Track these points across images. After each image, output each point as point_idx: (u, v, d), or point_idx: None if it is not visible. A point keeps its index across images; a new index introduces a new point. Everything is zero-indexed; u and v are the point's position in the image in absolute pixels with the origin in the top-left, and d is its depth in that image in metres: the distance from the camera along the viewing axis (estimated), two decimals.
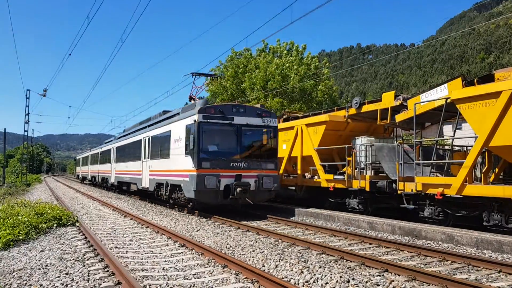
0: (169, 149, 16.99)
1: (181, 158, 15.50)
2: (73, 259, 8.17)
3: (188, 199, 15.26)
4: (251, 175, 14.72)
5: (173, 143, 16.62)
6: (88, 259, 8.18)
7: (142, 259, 8.36)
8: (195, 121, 14.33)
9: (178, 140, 16.02)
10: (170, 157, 16.90)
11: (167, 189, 17.11)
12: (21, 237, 10.41)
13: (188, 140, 14.79)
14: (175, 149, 16.32)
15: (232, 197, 14.19)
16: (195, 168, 14.19)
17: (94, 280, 6.65)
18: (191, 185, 14.35)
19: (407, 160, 12.46)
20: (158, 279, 6.82)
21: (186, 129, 15.12)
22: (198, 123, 14.28)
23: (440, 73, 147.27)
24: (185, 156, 15.07)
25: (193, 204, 15.61)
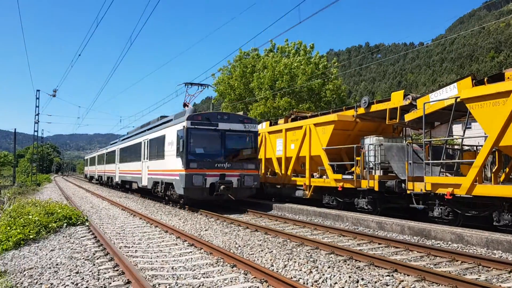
0: (163, 151, 18.94)
1: (173, 159, 17.33)
2: (83, 258, 8.23)
3: (179, 195, 17.11)
4: (234, 174, 16.64)
5: (167, 146, 18.52)
6: (98, 258, 8.24)
7: (151, 258, 8.41)
8: (184, 127, 16.28)
9: (171, 143, 17.91)
10: (164, 158, 18.74)
11: (162, 186, 19.01)
12: (31, 236, 10.51)
13: (178, 143, 16.72)
14: (168, 151, 18.20)
15: (217, 193, 16.11)
16: (184, 168, 16.09)
17: (104, 279, 6.69)
18: (181, 183, 16.21)
19: (417, 160, 12.39)
20: (167, 278, 6.85)
21: (177, 133, 17.02)
22: (187, 128, 16.24)
23: (450, 72, 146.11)
24: (176, 157, 16.94)
25: (184, 199, 17.36)
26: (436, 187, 11.26)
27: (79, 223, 13.01)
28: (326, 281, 6.53)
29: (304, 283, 6.53)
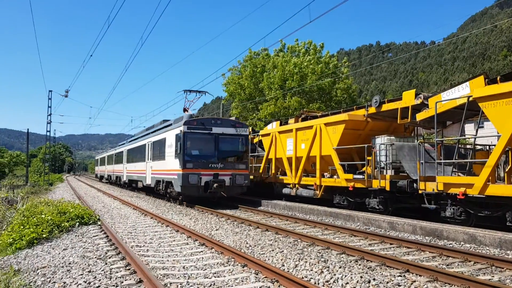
0: (164, 152, 20.63)
1: (172, 160, 19.06)
2: (95, 257, 8.30)
3: (178, 192, 18.80)
4: (226, 174, 18.29)
5: (167, 148, 20.15)
6: (110, 257, 8.30)
7: (162, 257, 8.45)
8: (181, 131, 18.01)
9: (170, 146, 19.58)
10: (165, 159, 20.44)
11: (163, 185, 20.82)
12: (44, 236, 10.63)
13: (177, 146, 18.32)
14: (168, 153, 19.89)
15: (210, 191, 17.79)
16: (181, 168, 17.79)
17: (116, 278, 6.74)
18: (178, 182, 17.89)
19: (428, 160, 12.29)
20: (178, 277, 6.88)
21: (175, 137, 18.66)
22: (184, 132, 17.97)
23: (461, 71, 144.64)
24: (174, 158, 18.64)
25: (182, 196, 19.12)
26: (448, 187, 11.16)
27: (91, 222, 13.12)
28: (338, 281, 6.52)
29: (315, 283, 6.52)
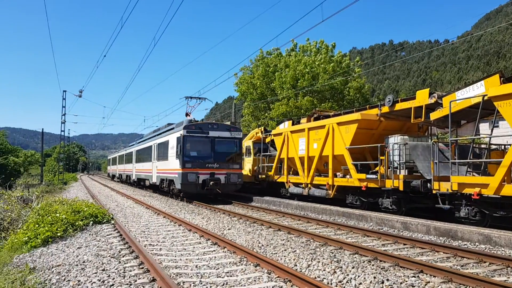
0: (167, 153, 22.64)
1: (174, 160, 21.10)
2: (109, 256, 8.37)
3: (178, 189, 20.84)
4: (222, 173, 20.33)
5: (170, 149, 22.21)
6: (123, 256, 8.37)
7: (175, 256, 8.49)
8: (181, 134, 20.06)
9: (172, 148, 21.59)
10: (168, 159, 22.46)
11: (166, 183, 22.78)
12: (59, 234, 10.74)
13: (177, 147, 20.37)
14: (171, 154, 21.92)
15: (207, 188, 19.80)
16: (181, 168, 19.84)
17: (129, 277, 6.79)
18: (179, 180, 19.91)
19: (442, 159, 12.17)
20: (191, 276, 6.91)
21: (176, 139, 20.66)
22: (183, 136, 20.01)
23: (476, 69, 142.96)
24: (175, 159, 20.71)
25: (182, 193, 21.15)
26: (463, 187, 11.04)
27: (104, 221, 13.24)
28: (351, 282, 6.48)
29: (328, 283, 6.49)
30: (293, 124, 19.79)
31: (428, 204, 13.33)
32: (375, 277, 6.62)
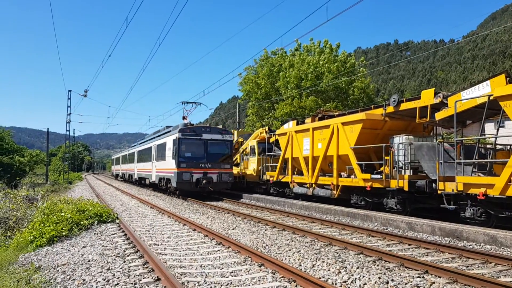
0: (165, 154, 24.35)
1: (170, 161, 22.79)
2: (114, 255, 8.40)
3: (174, 187, 22.56)
4: (214, 172, 22.12)
5: (167, 150, 23.85)
6: (128, 255, 8.39)
7: (180, 256, 8.50)
8: (177, 137, 21.86)
9: (169, 149, 23.30)
10: (165, 159, 24.16)
11: (164, 181, 24.72)
12: (64, 233, 10.78)
13: (173, 149, 22.10)
14: (168, 155, 23.62)
15: (200, 186, 21.62)
16: (176, 168, 21.60)
17: (134, 276, 6.81)
18: (174, 178, 21.70)
19: (448, 159, 12.12)
20: (196, 276, 6.91)
21: (173, 141, 22.42)
22: (178, 138, 21.82)
23: (481, 69, 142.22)
24: (172, 159, 22.43)
25: (178, 191, 22.87)
26: (468, 187, 11.00)
27: (109, 220, 13.28)
28: (355, 282, 6.47)
29: (332, 283, 6.48)
30: (297, 124, 19.77)
31: (433, 204, 13.28)
32: (380, 278, 6.60)
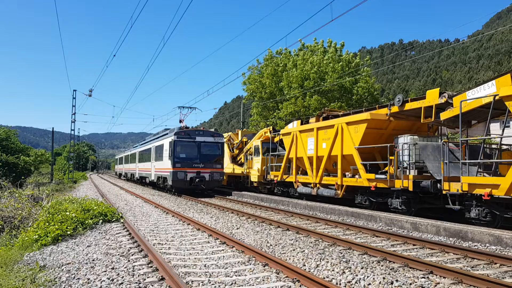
0: (162, 155, 26.55)
1: (167, 161, 25.04)
2: (118, 254, 8.42)
3: (170, 185, 24.82)
4: (206, 172, 24.44)
5: (164, 151, 26.09)
6: (132, 255, 8.41)
7: (184, 255, 8.51)
8: (173, 139, 24.22)
9: (166, 150, 25.61)
10: (163, 160, 26.42)
11: (161, 180, 27.02)
12: (69, 232, 10.82)
13: (169, 150, 24.50)
14: (165, 155, 25.83)
15: (194, 184, 23.94)
16: (172, 167, 23.85)
17: (138, 275, 6.82)
18: (170, 177, 23.95)
19: (453, 160, 12.08)
20: (200, 275, 6.92)
21: (169, 143, 24.75)
22: (174, 141, 24.17)
23: (487, 69, 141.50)
24: (168, 159, 24.74)
25: (173, 189, 25.04)
26: (473, 187, 10.95)
27: (114, 220, 13.31)
28: (360, 282, 6.46)
29: (337, 283, 6.47)
30: (301, 124, 19.74)
31: (438, 204, 13.23)
32: (384, 278, 6.58)
